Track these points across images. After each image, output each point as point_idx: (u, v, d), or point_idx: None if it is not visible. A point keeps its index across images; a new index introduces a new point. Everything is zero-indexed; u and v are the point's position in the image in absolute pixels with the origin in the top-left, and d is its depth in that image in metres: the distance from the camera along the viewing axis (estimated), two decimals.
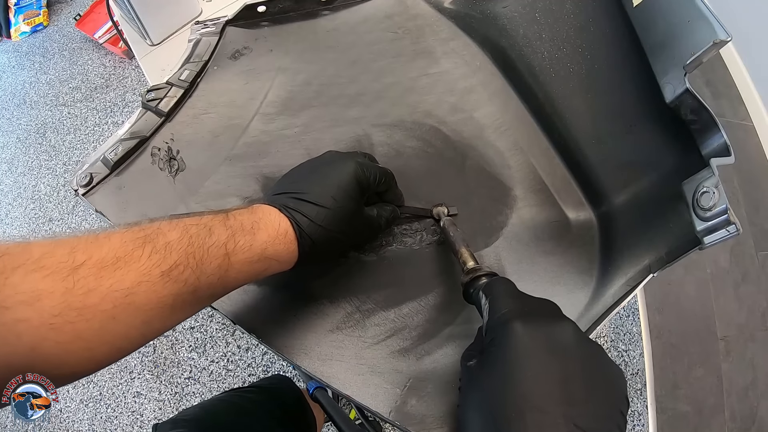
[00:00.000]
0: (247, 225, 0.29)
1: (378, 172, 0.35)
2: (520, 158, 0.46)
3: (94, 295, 0.22)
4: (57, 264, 0.21)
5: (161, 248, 0.25)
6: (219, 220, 0.28)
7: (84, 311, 0.21)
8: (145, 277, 0.24)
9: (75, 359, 0.22)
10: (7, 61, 1.81)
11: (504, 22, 0.50)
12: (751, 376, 1.15)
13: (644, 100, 0.38)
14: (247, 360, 1.19)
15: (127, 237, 0.24)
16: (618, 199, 0.42)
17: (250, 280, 0.30)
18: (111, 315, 0.22)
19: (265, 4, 0.50)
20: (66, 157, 1.57)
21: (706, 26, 0.31)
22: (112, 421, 1.20)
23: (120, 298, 0.23)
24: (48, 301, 0.20)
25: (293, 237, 0.31)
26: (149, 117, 0.44)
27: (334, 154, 0.36)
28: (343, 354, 0.37)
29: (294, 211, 0.31)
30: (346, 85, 0.49)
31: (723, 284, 1.23)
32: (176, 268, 0.25)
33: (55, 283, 0.21)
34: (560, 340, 0.25)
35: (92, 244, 0.23)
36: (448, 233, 0.39)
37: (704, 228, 0.31)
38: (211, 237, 0.27)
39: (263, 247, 0.29)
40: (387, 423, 0.36)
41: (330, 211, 0.31)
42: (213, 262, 0.26)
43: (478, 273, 0.32)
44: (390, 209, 0.38)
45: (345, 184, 0.33)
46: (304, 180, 0.33)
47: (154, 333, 0.26)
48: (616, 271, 0.39)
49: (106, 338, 0.23)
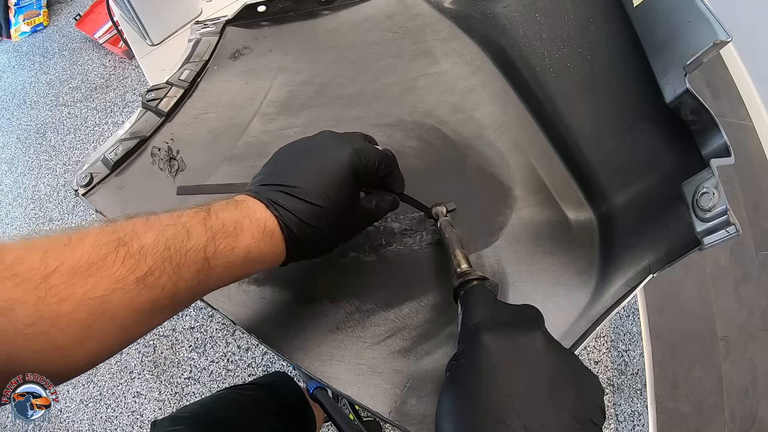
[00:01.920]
0: (230, 225, 0.27)
1: (377, 158, 0.32)
2: (520, 158, 0.46)
3: (67, 303, 0.21)
4: (29, 271, 0.21)
5: (135, 252, 0.23)
6: (199, 219, 0.26)
7: (57, 320, 0.21)
8: (120, 284, 0.22)
9: (52, 367, 0.22)
10: (7, 61, 1.81)
11: (504, 22, 0.50)
12: (751, 376, 1.15)
13: (644, 101, 0.38)
14: (247, 360, 1.19)
15: (101, 240, 0.23)
16: (618, 200, 0.42)
17: (232, 281, 0.28)
18: (86, 323, 0.22)
19: (265, 4, 0.50)
20: (66, 157, 1.57)
21: (707, 27, 0.31)
22: (112, 421, 1.20)
23: (94, 306, 0.22)
24: (21, 311, 0.20)
25: (280, 237, 0.28)
26: (149, 117, 0.44)
27: (330, 138, 0.33)
28: (343, 354, 0.37)
29: (282, 208, 0.28)
30: (346, 85, 0.49)
31: (723, 284, 1.23)
32: (152, 275, 0.23)
33: (27, 292, 0.20)
34: (528, 351, 0.25)
35: (65, 248, 0.22)
36: (444, 234, 0.39)
37: (704, 229, 0.31)
38: (190, 240, 0.25)
39: (246, 250, 0.27)
40: (387, 423, 0.36)
41: (323, 210, 0.29)
42: (191, 267, 0.25)
43: (468, 277, 0.32)
44: (390, 199, 0.35)
45: (340, 179, 0.30)
46: (295, 169, 0.30)
47: (133, 337, 0.25)
48: (616, 272, 0.39)
49: (84, 345, 0.22)
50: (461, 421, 0.24)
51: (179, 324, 1.25)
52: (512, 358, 0.24)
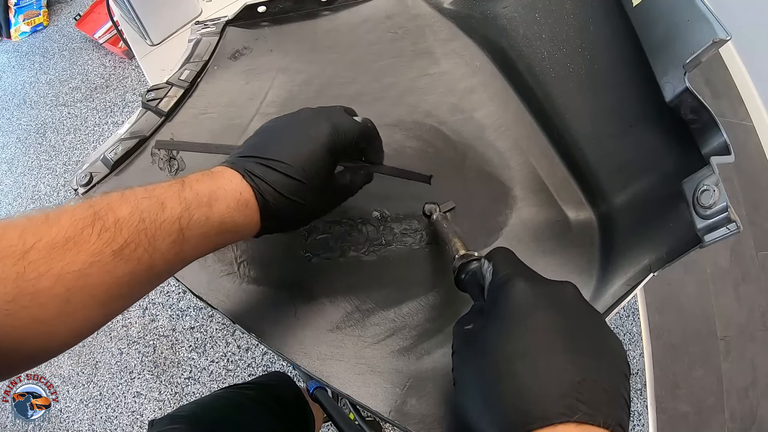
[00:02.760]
0: (204, 196, 0.27)
1: (356, 132, 0.32)
2: (520, 158, 0.46)
3: (45, 279, 0.21)
4: (7, 248, 0.21)
5: (111, 226, 0.24)
6: (173, 191, 0.27)
7: (37, 296, 0.21)
8: (97, 257, 0.23)
9: (35, 343, 0.22)
10: (7, 61, 1.81)
11: (504, 23, 0.50)
12: (751, 376, 1.15)
13: (644, 100, 0.38)
14: (247, 360, 1.19)
15: (77, 215, 0.23)
16: (618, 199, 0.42)
17: (208, 252, 0.29)
18: (65, 298, 0.22)
19: (265, 5, 0.50)
20: (66, 157, 1.57)
21: (706, 25, 0.31)
22: (112, 421, 1.20)
23: (72, 281, 0.22)
24: (1, 287, 0.20)
25: (255, 208, 0.29)
26: (149, 117, 0.44)
27: (309, 114, 0.33)
28: (342, 353, 0.37)
29: (259, 179, 0.29)
30: (346, 85, 0.49)
31: (723, 284, 1.23)
32: (128, 247, 0.24)
33: (7, 269, 0.21)
34: (564, 298, 0.25)
35: (42, 224, 0.22)
36: (441, 225, 0.38)
37: (704, 226, 0.31)
38: (164, 212, 0.25)
39: (221, 220, 0.27)
40: (387, 423, 0.36)
41: (299, 184, 0.29)
42: (166, 239, 0.25)
43: (471, 258, 0.32)
44: (364, 174, 0.36)
45: (318, 153, 0.30)
46: (275, 143, 0.31)
47: (113, 312, 0.25)
48: (616, 271, 0.39)
49: (64, 320, 0.23)
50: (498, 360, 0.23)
51: (179, 324, 1.25)
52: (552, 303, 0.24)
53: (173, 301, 1.28)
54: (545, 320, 0.23)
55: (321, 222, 0.42)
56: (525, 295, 0.24)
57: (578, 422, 0.19)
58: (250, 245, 0.40)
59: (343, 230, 0.42)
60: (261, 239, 0.32)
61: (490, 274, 0.28)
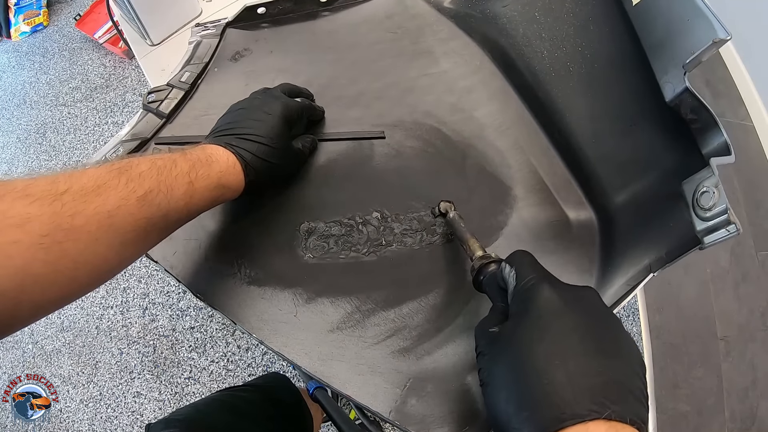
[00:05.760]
0: (203, 158, 0.33)
1: (300, 110, 0.41)
2: (520, 158, 0.46)
3: (80, 217, 0.24)
4: (42, 192, 0.23)
5: (135, 177, 0.27)
6: (179, 154, 0.32)
7: (71, 232, 0.23)
8: (124, 201, 0.26)
9: (62, 279, 0.24)
10: (7, 61, 1.81)
11: (504, 22, 0.50)
12: (751, 376, 1.15)
13: (644, 100, 0.38)
14: (247, 360, 1.19)
15: (103, 170, 0.27)
16: (618, 199, 0.42)
17: (209, 206, 0.34)
18: (95, 236, 0.24)
19: (265, 6, 0.50)
20: (66, 157, 1.57)
21: (706, 25, 0.31)
22: (112, 421, 1.20)
23: (103, 220, 0.25)
24: (37, 223, 0.22)
25: (240, 168, 0.35)
26: (150, 119, 0.44)
27: (262, 96, 0.41)
28: (343, 354, 0.37)
29: (237, 147, 0.35)
30: (346, 85, 0.49)
31: (723, 284, 1.23)
32: (150, 193, 0.28)
33: (43, 207, 0.23)
34: (588, 302, 0.27)
35: (71, 176, 0.25)
36: (459, 224, 0.39)
37: (704, 228, 0.31)
38: (176, 167, 0.30)
39: (219, 176, 0.33)
40: (387, 423, 0.36)
41: (267, 147, 0.37)
42: (180, 189, 0.30)
43: (489, 260, 0.33)
44: (310, 140, 0.43)
45: (277, 123, 0.38)
46: (241, 120, 0.38)
47: (129, 258, 0.28)
48: (616, 271, 0.39)
49: (89, 258, 0.25)
50: (527, 361, 0.24)
51: (179, 324, 1.25)
52: (576, 307, 0.26)
53: (173, 301, 1.28)
54: (574, 324, 0.25)
55: (321, 222, 0.42)
56: (552, 299, 0.26)
57: (607, 419, 0.21)
58: (250, 245, 0.41)
59: (344, 231, 0.42)
60: (261, 240, 0.34)
61: (514, 278, 0.29)
